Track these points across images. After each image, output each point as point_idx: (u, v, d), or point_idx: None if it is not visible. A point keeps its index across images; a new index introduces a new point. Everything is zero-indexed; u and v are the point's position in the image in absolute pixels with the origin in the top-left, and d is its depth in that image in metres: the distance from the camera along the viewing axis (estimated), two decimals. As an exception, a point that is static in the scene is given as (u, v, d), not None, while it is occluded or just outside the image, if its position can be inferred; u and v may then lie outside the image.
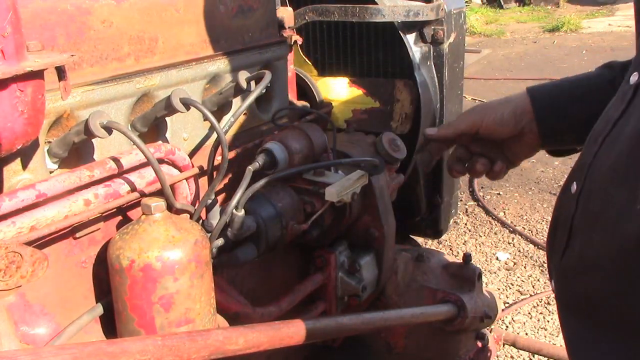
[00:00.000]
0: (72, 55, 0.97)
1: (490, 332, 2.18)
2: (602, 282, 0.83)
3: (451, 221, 2.28)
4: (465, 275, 1.81)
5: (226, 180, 1.55)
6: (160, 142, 1.35)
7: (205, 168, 1.37)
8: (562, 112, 1.24)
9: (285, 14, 1.67)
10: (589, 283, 0.87)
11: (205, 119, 1.32)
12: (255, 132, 1.64)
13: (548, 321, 3.09)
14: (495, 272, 3.50)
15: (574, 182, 0.93)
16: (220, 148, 1.30)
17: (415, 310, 1.66)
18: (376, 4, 1.84)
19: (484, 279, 3.00)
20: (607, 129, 0.85)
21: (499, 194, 4.42)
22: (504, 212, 4.15)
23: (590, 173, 0.87)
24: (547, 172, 4.74)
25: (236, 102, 1.51)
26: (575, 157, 1.06)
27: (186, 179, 1.31)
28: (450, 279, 1.82)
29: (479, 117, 1.34)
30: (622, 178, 0.78)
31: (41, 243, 1.09)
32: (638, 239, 0.74)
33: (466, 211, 4.24)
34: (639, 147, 0.75)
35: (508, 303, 3.20)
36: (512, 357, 2.79)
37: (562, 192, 0.99)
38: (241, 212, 1.34)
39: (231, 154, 1.46)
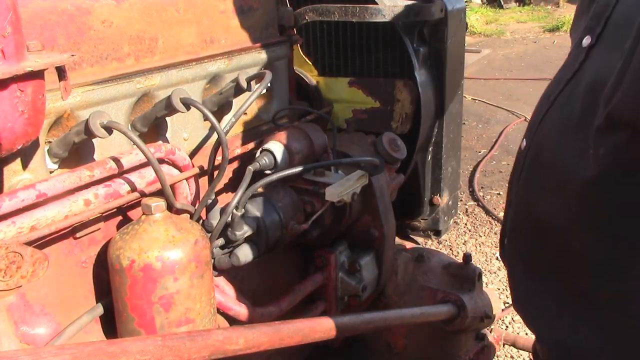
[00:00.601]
0: (72, 55, 0.97)
1: (490, 332, 2.18)
2: (555, 228, 0.90)
3: (451, 221, 2.28)
4: (465, 275, 1.81)
5: (226, 180, 1.55)
6: (160, 142, 1.35)
7: (206, 168, 1.37)
8: None
9: (285, 14, 1.67)
10: (541, 232, 0.93)
11: (206, 119, 1.32)
12: (255, 132, 1.64)
13: (548, 321, 3.08)
14: (495, 272, 3.50)
15: (524, 140, 0.99)
16: (220, 148, 1.30)
17: (415, 310, 1.66)
18: (376, 4, 1.84)
19: (484, 279, 3.00)
20: (559, 89, 0.93)
21: (499, 194, 4.42)
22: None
23: (541, 129, 0.93)
24: (547, 172, 4.74)
25: (236, 102, 1.51)
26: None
27: (186, 179, 1.31)
28: (450, 279, 1.82)
29: None
30: (575, 128, 0.85)
31: (41, 243, 1.09)
32: (592, 182, 0.82)
33: (466, 211, 4.24)
34: (593, 100, 0.82)
35: (508, 303, 3.20)
36: (512, 357, 2.79)
37: (518, 152, 1.04)
38: (241, 212, 1.34)
39: (231, 154, 1.46)
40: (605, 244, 0.84)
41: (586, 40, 0.91)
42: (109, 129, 1.13)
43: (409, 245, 2.15)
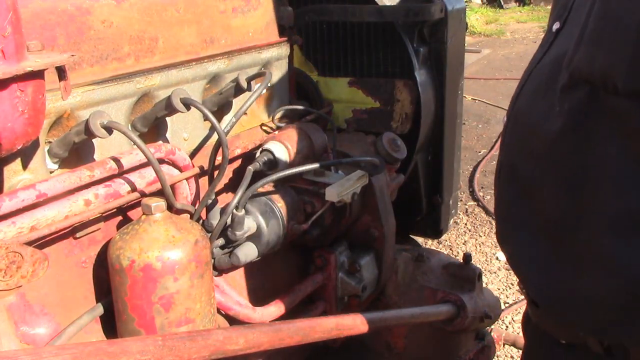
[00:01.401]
0: (72, 55, 0.97)
1: (490, 332, 2.18)
2: (531, 186, 1.04)
3: (451, 221, 2.28)
4: (465, 275, 1.81)
5: (226, 180, 1.55)
6: (160, 142, 1.35)
7: (206, 168, 1.37)
8: None
9: (285, 13, 1.67)
10: (521, 191, 1.08)
11: (206, 119, 1.32)
12: (255, 132, 1.64)
13: (548, 321, 3.08)
14: (495, 272, 3.50)
15: (505, 115, 1.14)
16: (220, 148, 1.30)
17: (415, 310, 1.66)
18: (376, 4, 1.84)
19: (484, 279, 3.00)
20: (532, 66, 1.07)
21: (499, 194, 4.43)
22: (504, 212, 4.15)
23: (519, 101, 1.07)
24: (547, 172, 4.74)
25: (236, 102, 1.51)
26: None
27: (186, 179, 1.31)
28: (450, 279, 1.82)
29: None
30: (543, 92, 1.00)
31: (41, 243, 1.09)
32: (557, 137, 0.96)
33: (466, 211, 4.24)
34: (556, 70, 0.97)
35: (508, 303, 3.20)
36: (512, 357, 2.79)
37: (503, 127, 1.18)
38: (241, 212, 1.34)
39: (231, 154, 1.46)
40: (565, 198, 0.97)
41: (555, 25, 1.05)
42: (109, 129, 1.13)
43: (408, 245, 2.15)
